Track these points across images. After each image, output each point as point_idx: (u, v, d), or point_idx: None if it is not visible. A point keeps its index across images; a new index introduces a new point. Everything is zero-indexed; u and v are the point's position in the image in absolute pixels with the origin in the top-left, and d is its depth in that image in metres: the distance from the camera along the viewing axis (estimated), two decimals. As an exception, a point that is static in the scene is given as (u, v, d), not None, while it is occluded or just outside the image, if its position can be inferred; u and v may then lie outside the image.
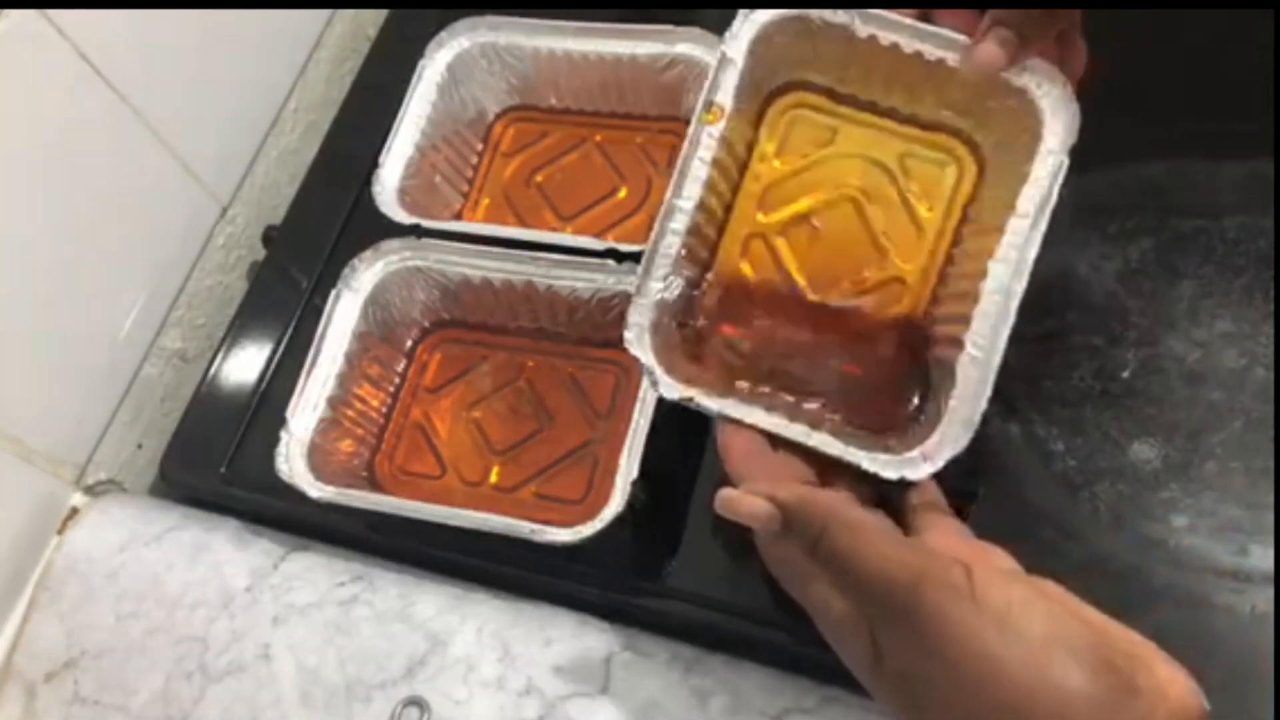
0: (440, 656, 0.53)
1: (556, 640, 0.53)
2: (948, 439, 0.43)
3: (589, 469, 0.58)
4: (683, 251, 0.48)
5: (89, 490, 0.63)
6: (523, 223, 0.66)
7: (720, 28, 0.62)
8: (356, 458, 0.59)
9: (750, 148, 0.50)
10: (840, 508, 0.39)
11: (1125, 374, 0.54)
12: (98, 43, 0.57)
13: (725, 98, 0.48)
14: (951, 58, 0.46)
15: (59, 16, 0.55)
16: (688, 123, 0.65)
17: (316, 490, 0.53)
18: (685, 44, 0.63)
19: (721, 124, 0.48)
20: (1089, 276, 0.57)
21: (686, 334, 0.49)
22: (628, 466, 0.51)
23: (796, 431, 0.44)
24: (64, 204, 0.58)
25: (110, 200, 0.61)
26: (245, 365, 0.65)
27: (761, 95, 0.50)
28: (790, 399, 0.47)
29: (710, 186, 0.48)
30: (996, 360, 0.43)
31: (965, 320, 0.45)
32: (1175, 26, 0.61)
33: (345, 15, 0.77)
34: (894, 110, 0.49)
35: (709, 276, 0.50)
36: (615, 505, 0.50)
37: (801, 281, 0.50)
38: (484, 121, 0.69)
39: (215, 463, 0.61)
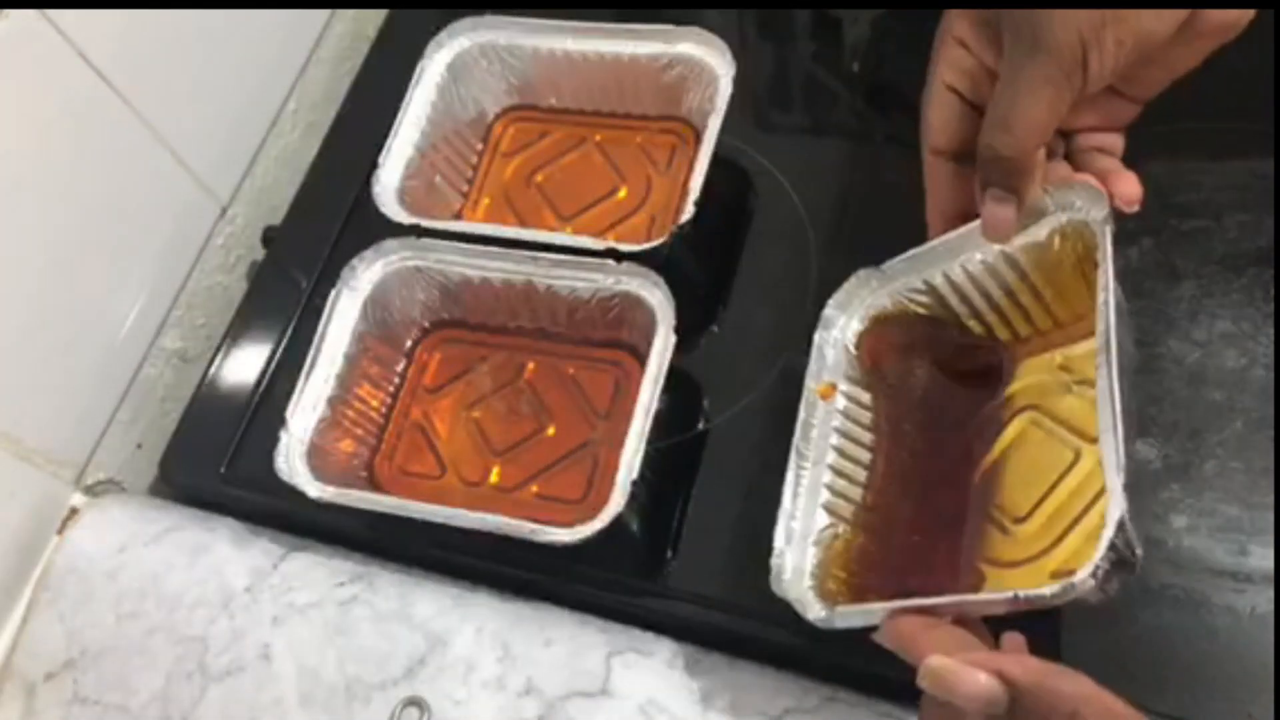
0: (440, 656, 0.53)
1: (556, 640, 0.53)
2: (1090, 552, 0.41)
3: (589, 469, 0.58)
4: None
5: (89, 490, 0.63)
6: (523, 223, 0.65)
7: (721, 28, 0.63)
8: (356, 458, 0.59)
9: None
10: (1091, 691, 0.35)
11: (1125, 374, 0.54)
12: (98, 43, 0.57)
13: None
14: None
15: (59, 16, 0.55)
16: (688, 122, 0.65)
17: (316, 490, 0.53)
18: (685, 44, 0.63)
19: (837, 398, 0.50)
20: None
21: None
22: (627, 467, 0.51)
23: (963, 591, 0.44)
24: (63, 204, 0.58)
25: (110, 200, 0.61)
26: (245, 365, 0.65)
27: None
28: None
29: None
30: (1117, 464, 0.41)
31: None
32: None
33: (345, 15, 0.77)
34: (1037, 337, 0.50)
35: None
36: (615, 505, 0.50)
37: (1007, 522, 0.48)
38: (484, 121, 0.69)
39: (215, 463, 0.61)
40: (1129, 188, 0.45)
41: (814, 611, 0.45)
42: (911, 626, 0.40)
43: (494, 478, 0.59)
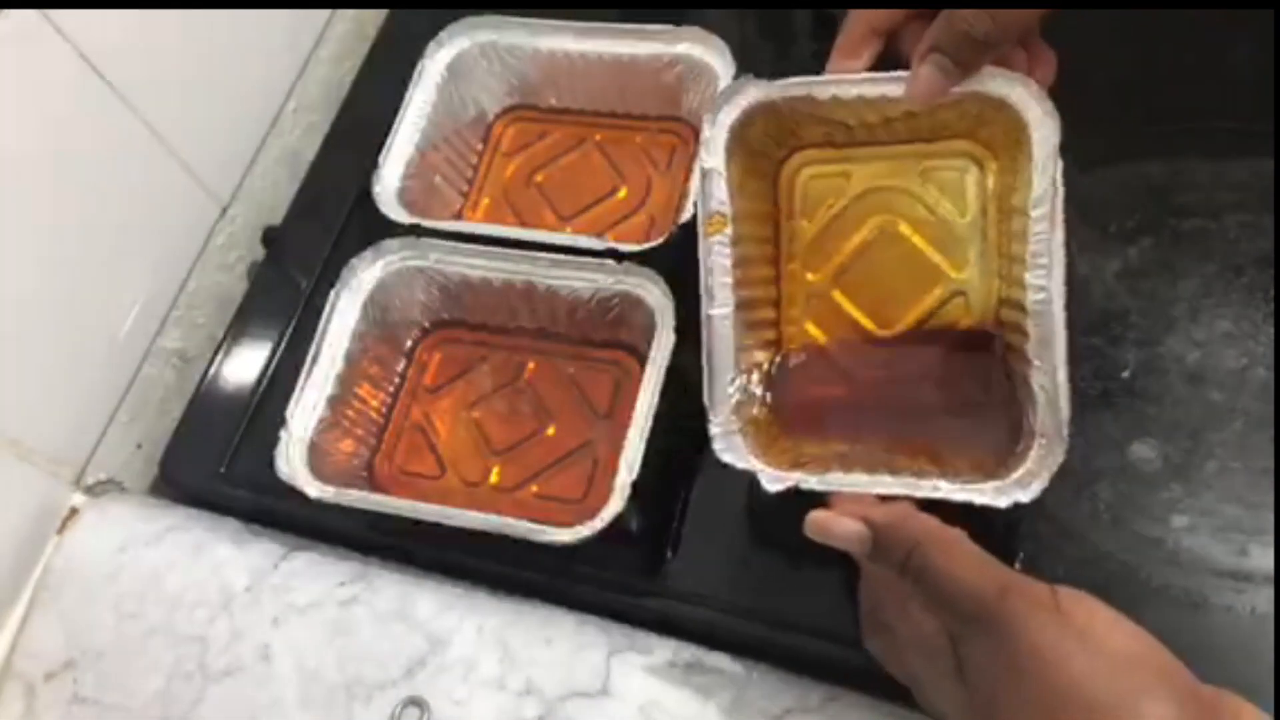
0: (440, 656, 0.53)
1: (556, 640, 0.53)
2: (1046, 456, 0.44)
3: (589, 469, 0.58)
4: (740, 354, 0.49)
5: (89, 490, 0.63)
6: (523, 222, 0.66)
7: (721, 28, 0.63)
8: (356, 458, 0.59)
9: (775, 223, 0.51)
10: (932, 526, 0.39)
11: (1125, 374, 0.54)
12: (98, 43, 0.57)
13: (722, 205, 0.49)
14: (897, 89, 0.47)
15: (59, 16, 0.55)
16: (688, 122, 0.65)
17: (316, 490, 0.53)
18: (685, 44, 0.63)
19: (728, 229, 0.49)
20: (1089, 276, 0.57)
21: (773, 415, 0.50)
22: (627, 466, 0.51)
23: (904, 485, 0.44)
24: (63, 204, 0.58)
25: (110, 200, 0.61)
26: (245, 365, 0.65)
27: (765, 177, 0.51)
28: (887, 455, 0.48)
29: (743, 282, 0.49)
30: (1061, 372, 0.44)
31: (1023, 331, 0.45)
32: (1176, 27, 0.61)
33: (345, 15, 0.77)
34: (897, 136, 0.50)
35: (780, 354, 0.51)
36: (615, 505, 0.50)
37: (869, 324, 0.51)
38: (484, 121, 0.69)
39: (215, 463, 0.61)
40: (1047, 71, 0.47)
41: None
42: (857, 514, 0.43)
43: (494, 478, 0.59)
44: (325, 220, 0.68)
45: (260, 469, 0.55)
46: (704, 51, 0.62)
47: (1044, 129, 0.46)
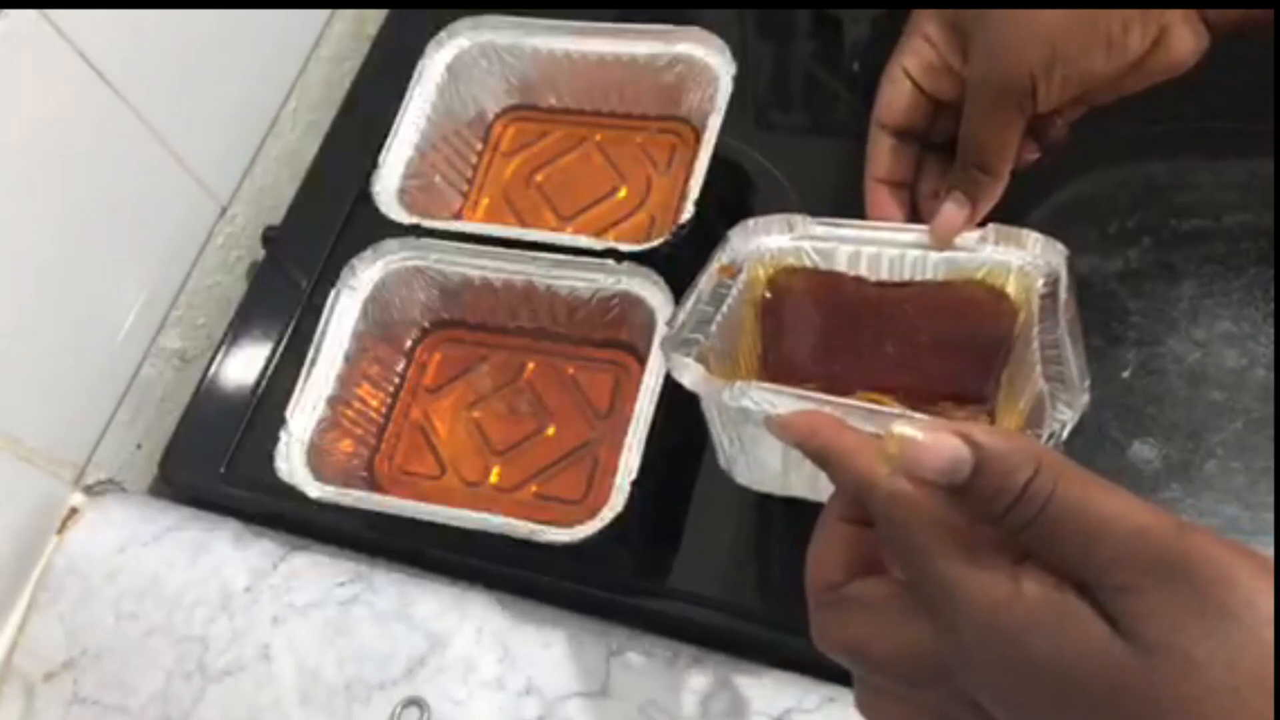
0: (440, 657, 0.53)
1: (556, 640, 0.53)
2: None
3: (589, 469, 0.58)
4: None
5: (88, 490, 0.63)
6: (522, 222, 0.65)
7: (721, 28, 0.63)
8: (356, 458, 0.59)
9: None
10: (1056, 455, 0.30)
11: (1125, 374, 0.54)
12: (98, 43, 0.57)
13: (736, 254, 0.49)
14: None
15: (59, 16, 0.55)
16: (688, 122, 0.65)
17: (316, 490, 0.53)
18: (685, 43, 0.63)
19: (741, 275, 0.49)
20: (1089, 276, 0.57)
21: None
22: (627, 466, 0.51)
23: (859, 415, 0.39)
24: (63, 204, 0.58)
25: (109, 200, 0.61)
26: (245, 365, 0.65)
27: None
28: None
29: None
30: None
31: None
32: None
33: (345, 15, 0.77)
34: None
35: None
36: (615, 505, 0.50)
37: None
38: (484, 121, 0.69)
39: (215, 463, 0.61)
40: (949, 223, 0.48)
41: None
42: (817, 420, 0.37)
43: (494, 478, 0.59)
44: (325, 220, 0.68)
45: (260, 469, 0.55)
46: (704, 51, 0.62)
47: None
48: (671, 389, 0.53)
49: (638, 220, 0.64)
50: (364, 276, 0.60)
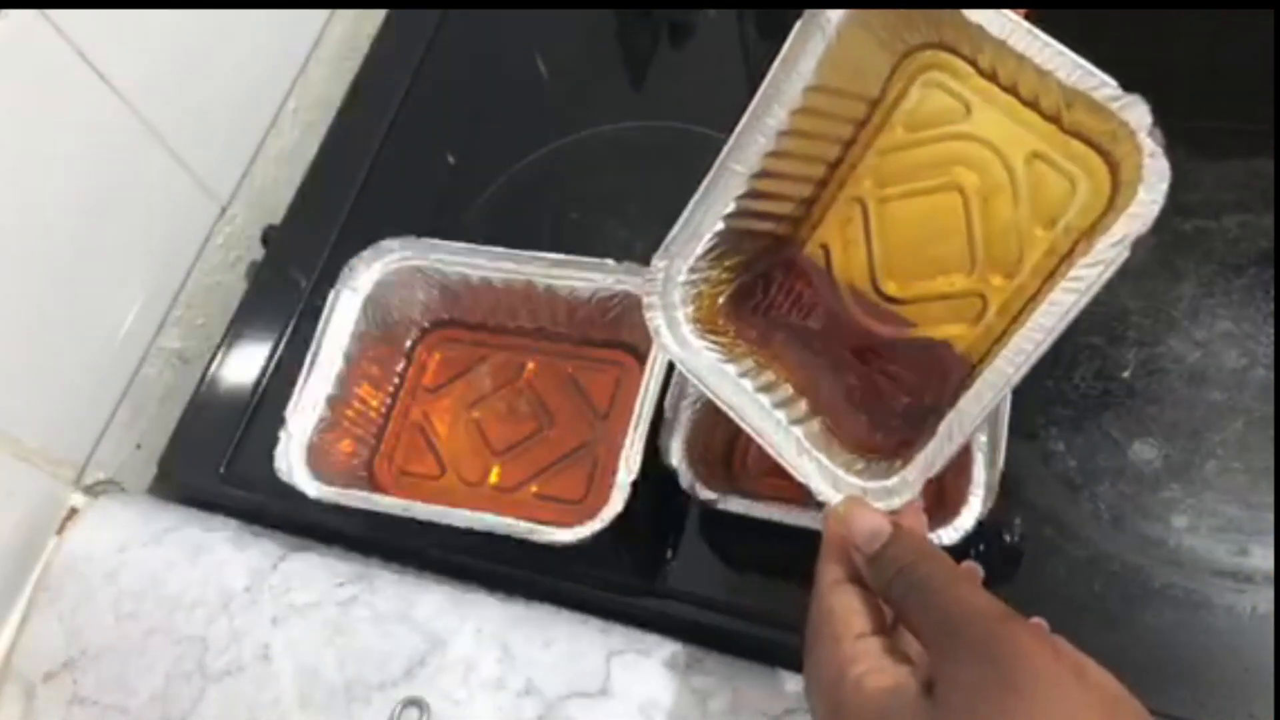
0: (440, 657, 0.53)
1: (556, 640, 0.53)
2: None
3: (589, 469, 0.58)
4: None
5: (88, 490, 0.63)
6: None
7: (721, 28, 0.63)
8: (356, 458, 0.59)
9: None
10: (935, 548, 0.39)
11: (1126, 374, 0.54)
12: (98, 43, 0.57)
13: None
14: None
15: (59, 16, 0.55)
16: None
17: (316, 490, 0.53)
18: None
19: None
20: (1089, 276, 0.57)
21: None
22: (627, 466, 0.51)
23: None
24: (63, 204, 0.58)
25: (109, 200, 0.61)
26: (244, 365, 0.65)
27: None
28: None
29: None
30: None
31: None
32: (1175, 26, 0.61)
33: (345, 15, 0.77)
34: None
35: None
36: (615, 505, 0.50)
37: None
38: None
39: (214, 463, 0.61)
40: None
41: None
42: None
43: (494, 478, 0.59)
44: (325, 220, 0.68)
45: (260, 469, 0.55)
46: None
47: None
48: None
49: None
50: (364, 276, 0.60)
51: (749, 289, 0.49)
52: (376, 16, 0.77)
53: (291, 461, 0.54)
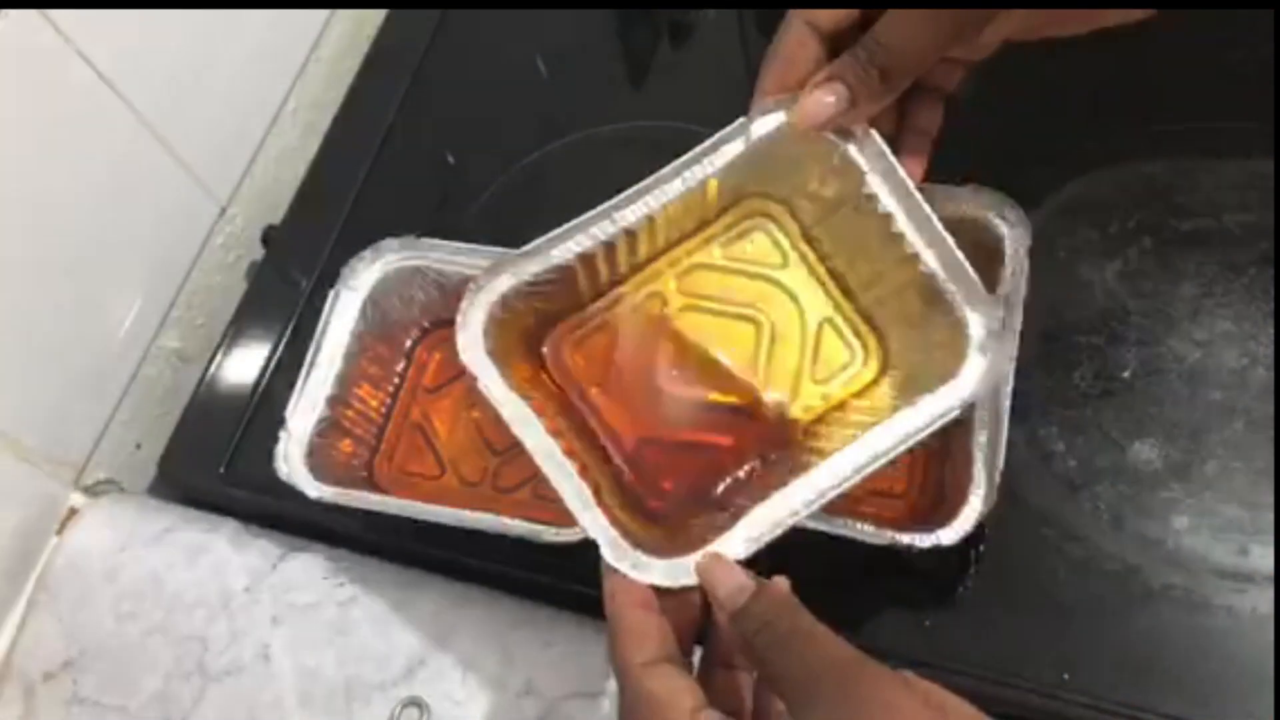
0: (440, 656, 0.53)
1: (556, 640, 0.53)
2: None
3: (589, 469, 0.57)
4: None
5: (88, 490, 0.63)
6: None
7: (721, 28, 0.63)
8: (356, 458, 0.59)
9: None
10: (795, 600, 0.40)
11: (1126, 374, 0.54)
12: (98, 43, 0.57)
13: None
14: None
15: (59, 16, 0.55)
16: None
17: (315, 490, 0.53)
18: None
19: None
20: (1089, 276, 0.57)
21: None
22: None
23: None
24: (62, 203, 0.58)
25: (109, 200, 0.61)
26: (244, 365, 0.65)
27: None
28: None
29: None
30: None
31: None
32: (1175, 26, 0.61)
33: (344, 15, 0.77)
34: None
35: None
36: (615, 505, 0.50)
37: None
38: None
39: (214, 463, 0.61)
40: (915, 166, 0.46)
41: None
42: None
43: (494, 478, 0.59)
44: (325, 220, 0.68)
45: (260, 469, 0.55)
46: None
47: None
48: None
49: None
50: (364, 276, 0.60)
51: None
52: (376, 16, 0.77)
53: (291, 461, 0.54)
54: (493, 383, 0.46)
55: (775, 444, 0.47)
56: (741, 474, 0.47)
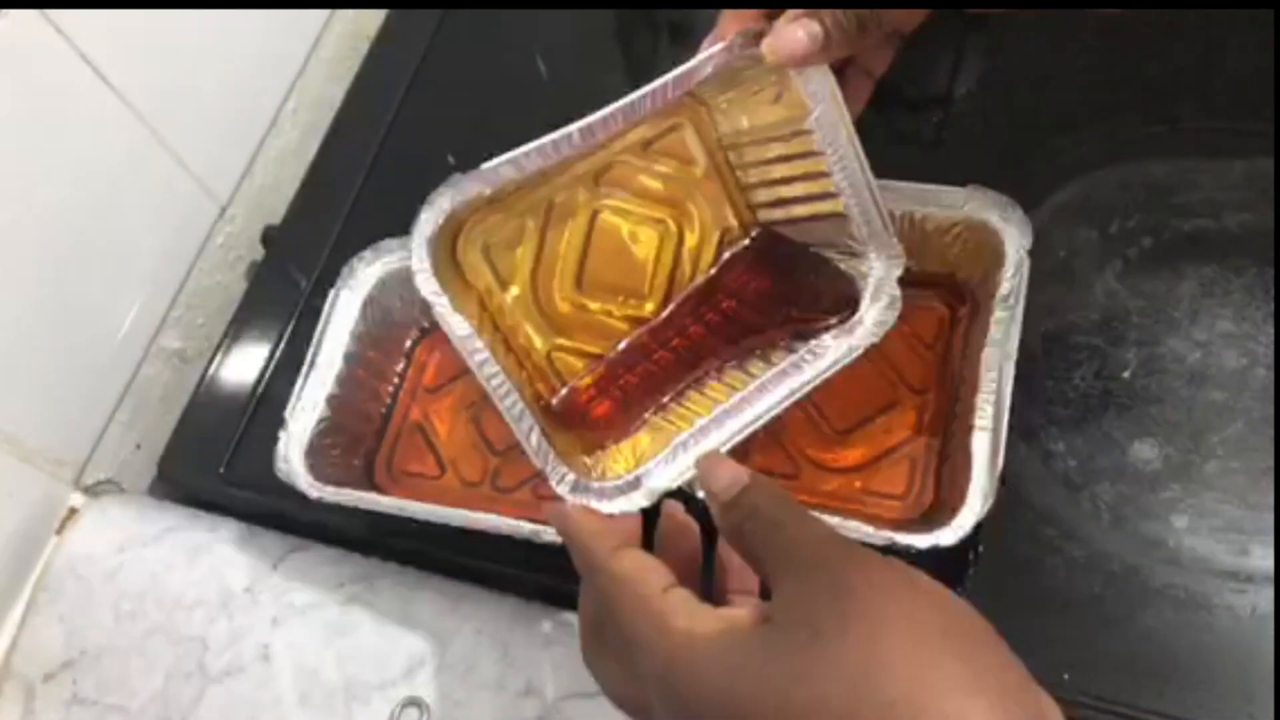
0: (440, 657, 0.53)
1: (556, 640, 0.53)
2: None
3: (589, 469, 0.57)
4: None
5: (88, 490, 0.63)
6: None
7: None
8: (356, 458, 0.59)
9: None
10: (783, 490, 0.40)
11: (1126, 374, 0.54)
12: (97, 42, 0.57)
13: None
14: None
15: (59, 16, 0.55)
16: None
17: (315, 490, 0.53)
18: None
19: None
20: (1089, 276, 0.57)
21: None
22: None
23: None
24: (63, 204, 0.58)
25: (109, 200, 0.61)
26: (244, 365, 0.64)
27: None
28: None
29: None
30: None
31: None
32: (1176, 26, 0.61)
33: (345, 15, 0.77)
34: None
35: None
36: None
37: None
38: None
39: (214, 463, 0.61)
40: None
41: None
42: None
43: (494, 478, 0.59)
44: (325, 220, 0.68)
45: (260, 469, 0.55)
46: None
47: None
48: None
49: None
50: (364, 276, 0.60)
51: None
52: (376, 16, 0.77)
53: (291, 461, 0.54)
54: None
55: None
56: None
